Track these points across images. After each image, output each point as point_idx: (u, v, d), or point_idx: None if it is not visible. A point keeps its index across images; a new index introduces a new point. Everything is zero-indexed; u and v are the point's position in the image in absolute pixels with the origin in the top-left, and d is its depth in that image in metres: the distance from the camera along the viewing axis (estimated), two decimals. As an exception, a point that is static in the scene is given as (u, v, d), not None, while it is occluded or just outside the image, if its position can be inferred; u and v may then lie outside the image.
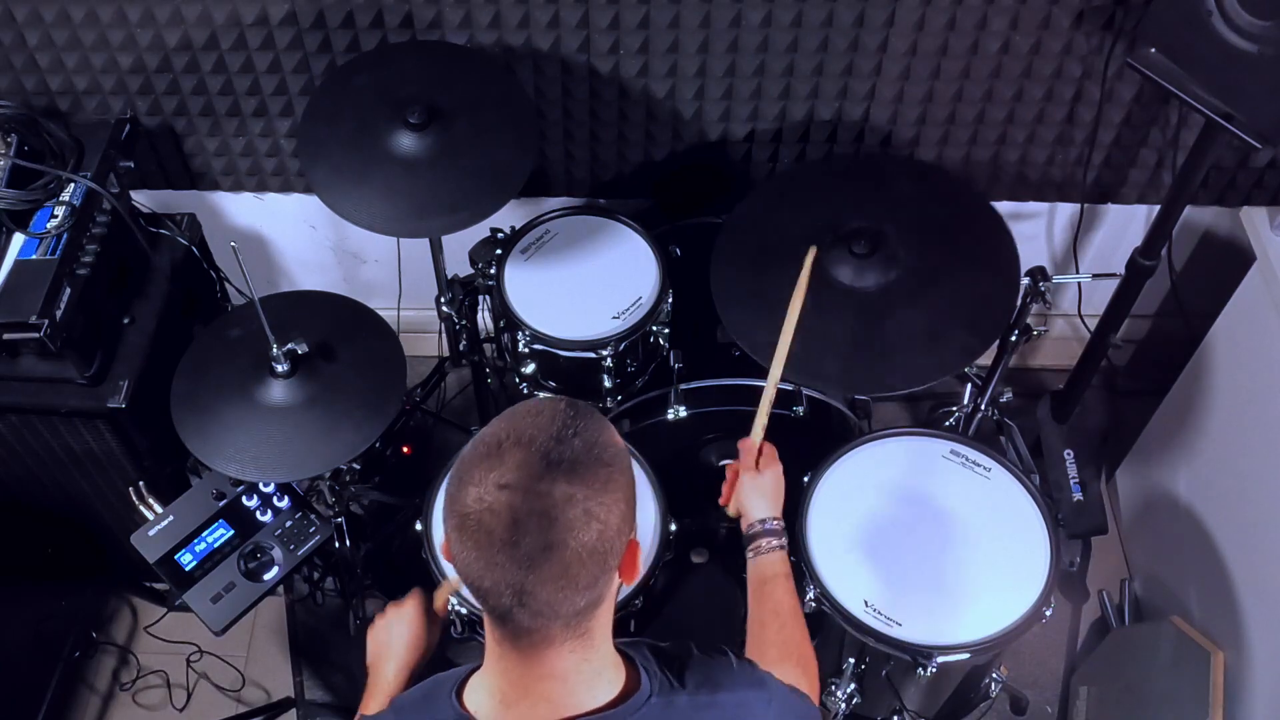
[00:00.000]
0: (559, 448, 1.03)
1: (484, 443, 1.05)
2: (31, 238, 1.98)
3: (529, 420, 1.06)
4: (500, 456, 1.03)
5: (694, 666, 1.22)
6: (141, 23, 2.11)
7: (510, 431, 1.05)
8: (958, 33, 2.09)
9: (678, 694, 1.18)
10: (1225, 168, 2.32)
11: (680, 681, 1.19)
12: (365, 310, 2.06)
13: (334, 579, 2.48)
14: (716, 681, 1.22)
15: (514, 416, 1.07)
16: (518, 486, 1.02)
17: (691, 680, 1.20)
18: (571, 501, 1.02)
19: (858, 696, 2.00)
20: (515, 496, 1.01)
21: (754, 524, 1.60)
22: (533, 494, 1.01)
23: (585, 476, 1.03)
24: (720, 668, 1.25)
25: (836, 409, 2.19)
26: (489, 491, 1.02)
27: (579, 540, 1.02)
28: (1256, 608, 2.07)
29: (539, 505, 1.01)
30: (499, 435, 1.05)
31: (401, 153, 1.92)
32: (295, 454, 1.87)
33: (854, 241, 1.92)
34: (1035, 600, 1.79)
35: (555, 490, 1.02)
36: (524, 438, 1.04)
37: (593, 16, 2.09)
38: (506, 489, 1.02)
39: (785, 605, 1.51)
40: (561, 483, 1.02)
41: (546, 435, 1.04)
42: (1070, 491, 2.52)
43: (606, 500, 1.04)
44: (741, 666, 1.28)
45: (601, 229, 2.22)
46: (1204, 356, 2.30)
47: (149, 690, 2.53)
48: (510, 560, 1.02)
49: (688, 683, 1.19)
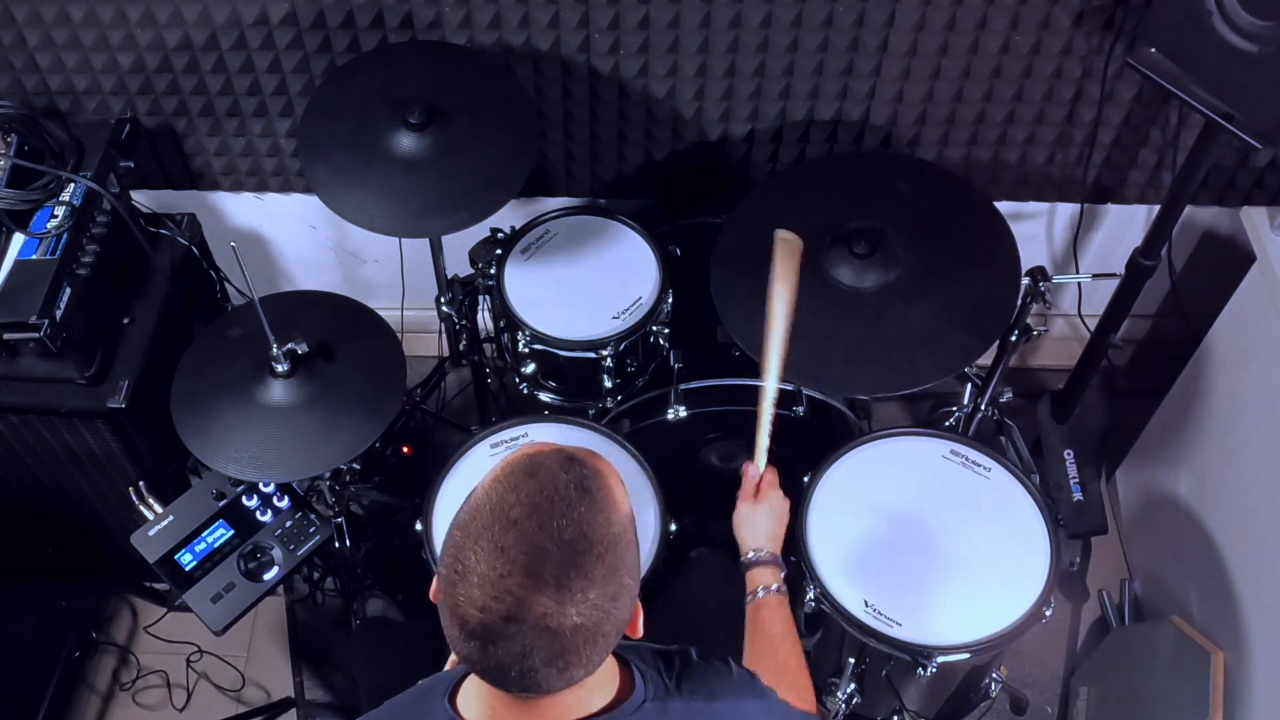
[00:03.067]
0: (568, 567, 0.99)
1: (483, 540, 1.00)
2: (31, 238, 1.98)
3: (533, 518, 1.00)
4: (502, 575, 0.98)
5: (693, 672, 1.22)
6: (141, 23, 2.11)
7: (513, 536, 0.99)
8: (958, 33, 2.09)
9: (672, 699, 1.18)
10: (1225, 168, 2.32)
11: (677, 686, 1.19)
12: (365, 310, 2.06)
13: (334, 579, 2.48)
14: (713, 688, 1.22)
15: (515, 502, 1.01)
16: (525, 619, 0.98)
17: (688, 686, 1.19)
18: (580, 630, 0.99)
19: (858, 696, 2.00)
20: (524, 629, 0.98)
21: (747, 554, 1.57)
22: (542, 629, 0.98)
23: (594, 596, 1.00)
24: (718, 674, 1.24)
25: (836, 409, 2.19)
26: (493, 619, 0.98)
27: (586, 655, 1.02)
28: (1256, 608, 2.06)
29: (547, 639, 0.99)
30: (499, 539, 0.99)
31: (401, 153, 1.92)
32: (295, 454, 1.87)
33: (854, 241, 1.92)
34: (1035, 600, 1.79)
35: (566, 624, 0.98)
36: (529, 550, 0.99)
37: (593, 16, 2.09)
38: (513, 621, 0.98)
39: (778, 632, 1.48)
40: (571, 614, 0.98)
41: (554, 546, 0.99)
42: (1070, 491, 2.52)
43: (614, 611, 1.02)
44: (741, 676, 1.27)
45: (601, 229, 2.22)
46: (1204, 356, 2.30)
47: (149, 690, 2.53)
48: (519, 668, 1.00)
49: (684, 688, 1.19)
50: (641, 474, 1.96)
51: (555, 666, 1.01)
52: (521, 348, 2.13)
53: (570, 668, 1.02)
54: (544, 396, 2.22)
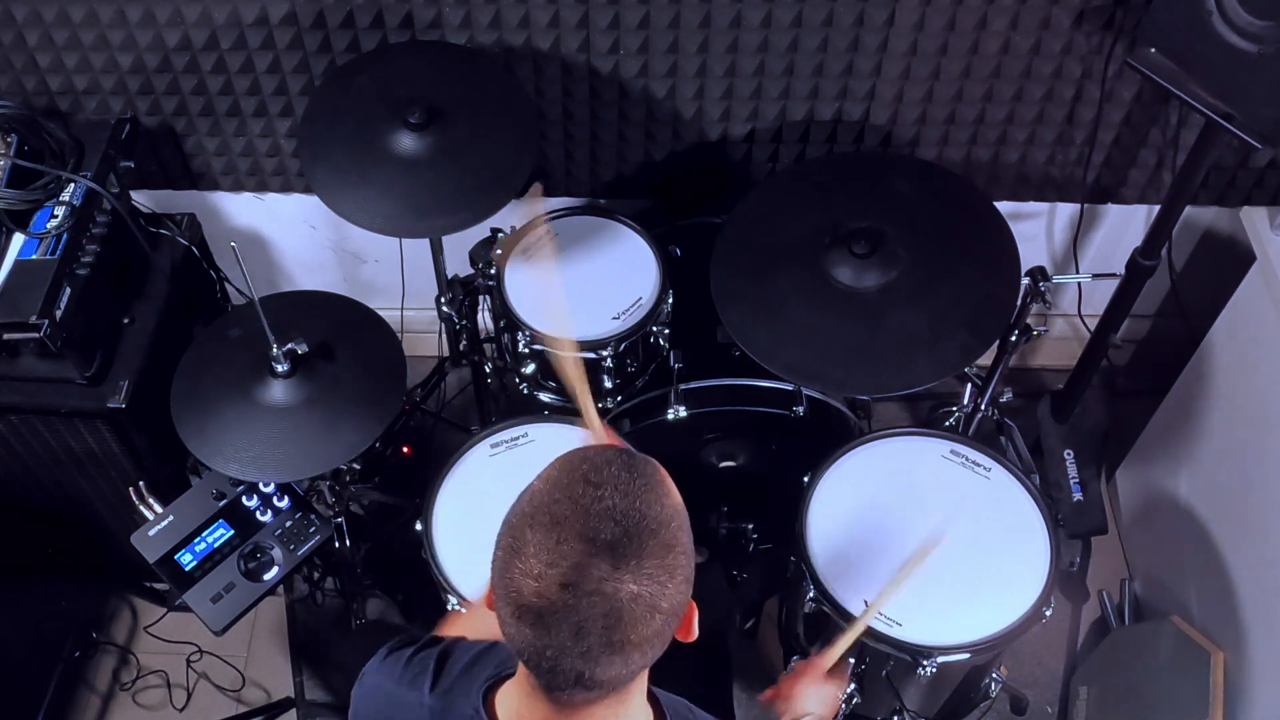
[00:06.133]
0: (622, 536, 0.98)
1: (540, 516, 1.00)
2: (31, 238, 1.98)
3: (588, 493, 1.00)
4: (559, 541, 0.98)
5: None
6: (141, 23, 2.11)
7: (569, 508, 1.00)
8: (958, 33, 2.09)
9: None
10: (1225, 168, 2.32)
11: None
12: (365, 310, 2.06)
13: (334, 579, 2.48)
14: None
15: (570, 483, 1.01)
16: (581, 585, 0.97)
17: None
18: (637, 600, 0.98)
19: (858, 696, 2.00)
20: (579, 596, 0.97)
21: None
22: (598, 595, 0.97)
23: (649, 567, 0.99)
24: None
25: (836, 409, 2.19)
26: (549, 587, 0.98)
27: (642, 634, 1.00)
28: (1256, 608, 2.06)
29: (603, 606, 0.98)
30: (556, 512, 1.00)
31: (401, 153, 1.92)
32: (295, 454, 1.87)
33: (854, 241, 1.92)
34: (1035, 600, 1.79)
35: (622, 590, 0.98)
36: (584, 520, 0.99)
37: (593, 16, 2.09)
38: (569, 588, 0.97)
39: None
40: (628, 581, 0.98)
41: (609, 519, 0.99)
42: (1070, 491, 2.52)
43: (670, 587, 1.01)
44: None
45: (601, 229, 2.22)
46: (1204, 356, 2.30)
47: (149, 690, 2.53)
48: (573, 652, 0.99)
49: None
50: (641, 474, 1.95)
51: (612, 645, 0.99)
52: (521, 348, 2.13)
53: (627, 648, 1.00)
54: (544, 396, 2.22)
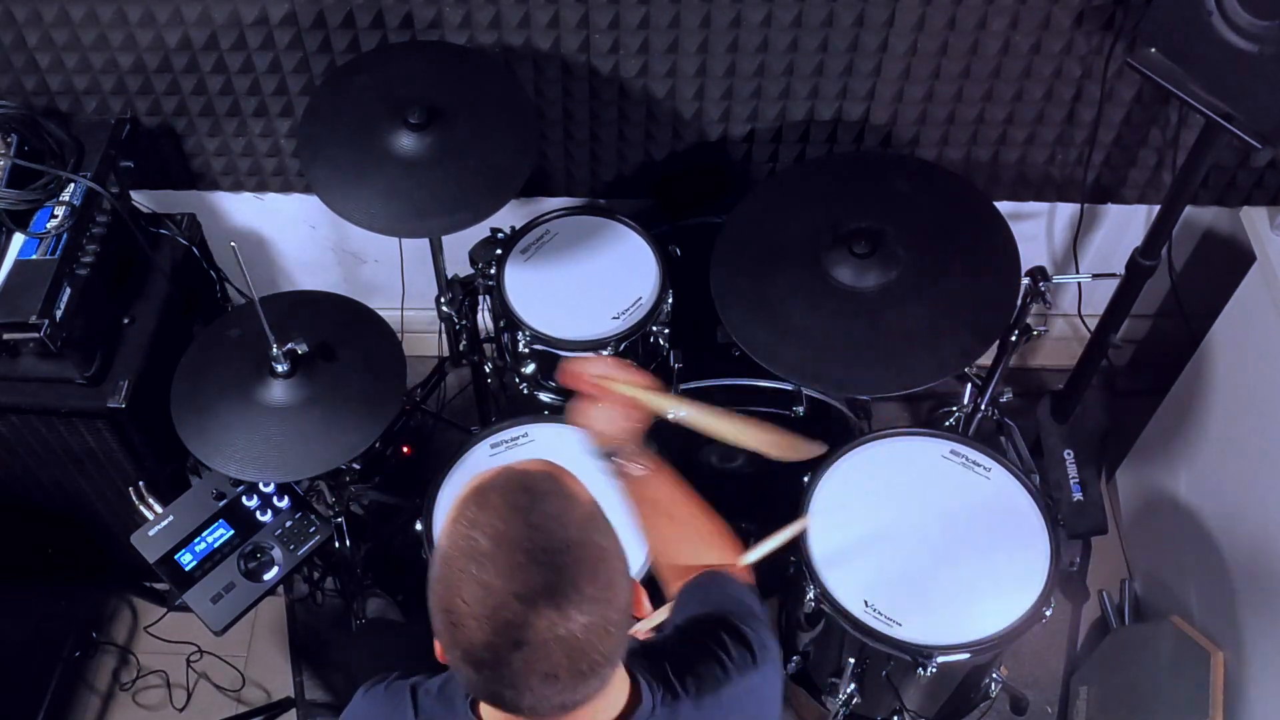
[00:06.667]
0: (553, 577, 0.97)
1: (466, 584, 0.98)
2: (31, 238, 1.98)
3: (501, 547, 0.99)
4: (497, 608, 0.97)
5: (693, 666, 1.21)
6: (141, 23, 2.11)
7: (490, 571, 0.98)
8: (958, 33, 2.09)
9: (681, 701, 1.17)
10: (1225, 168, 2.32)
11: (683, 687, 1.18)
12: (365, 310, 2.06)
13: (334, 579, 2.48)
14: (716, 678, 1.22)
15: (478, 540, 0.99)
16: (534, 638, 0.97)
17: (693, 683, 1.19)
18: (590, 628, 0.98)
19: (858, 696, 2.00)
20: (535, 648, 0.97)
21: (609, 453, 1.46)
22: (553, 640, 0.97)
23: (589, 590, 0.99)
24: (717, 661, 1.24)
25: (836, 409, 2.19)
26: (504, 649, 0.97)
27: (606, 648, 1.01)
28: (1256, 608, 2.06)
29: (562, 647, 0.98)
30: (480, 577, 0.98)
31: (401, 153, 1.92)
32: (295, 454, 1.87)
33: (854, 241, 1.92)
34: (1035, 600, 1.80)
35: (574, 625, 0.97)
36: (511, 576, 0.97)
37: (593, 16, 2.09)
38: (523, 646, 0.97)
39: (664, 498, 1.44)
40: (574, 615, 0.97)
41: (533, 565, 0.98)
42: (1070, 491, 2.52)
43: (613, 594, 1.01)
44: (738, 654, 1.25)
45: (601, 229, 2.22)
46: (1204, 356, 2.30)
47: (149, 690, 2.53)
48: (549, 691, 0.99)
49: (689, 687, 1.19)
50: (641, 474, 1.96)
51: (582, 672, 1.00)
52: (521, 348, 2.13)
53: (597, 668, 1.01)
54: (544, 396, 2.21)
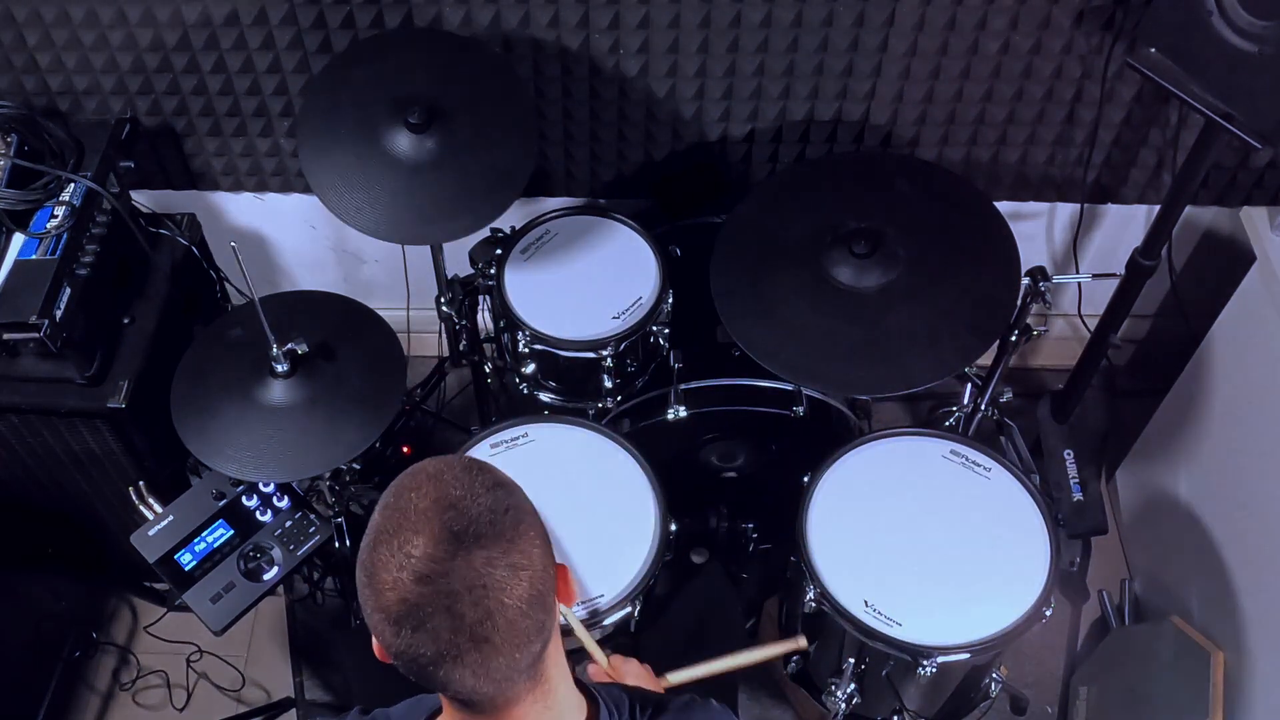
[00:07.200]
0: (456, 518, 1.01)
1: (382, 536, 1.02)
2: (31, 238, 1.98)
3: (410, 501, 1.03)
4: (401, 546, 1.01)
5: (666, 708, 1.22)
6: (141, 23, 2.11)
7: (399, 518, 1.02)
8: (958, 33, 2.09)
9: None
10: (1225, 168, 2.32)
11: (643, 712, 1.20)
12: (365, 310, 2.05)
13: (334, 579, 2.48)
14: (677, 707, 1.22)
15: (395, 501, 1.04)
16: (435, 573, 0.99)
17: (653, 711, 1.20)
18: (492, 563, 1.00)
19: (858, 696, 2.00)
20: (437, 582, 0.99)
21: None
22: (454, 574, 0.99)
23: (491, 533, 1.01)
24: (697, 710, 1.24)
25: (836, 409, 2.19)
26: (408, 588, 1.00)
27: (516, 598, 1.01)
28: (1256, 608, 2.06)
29: (464, 582, 0.99)
30: (390, 526, 1.02)
31: (401, 155, 1.91)
32: (295, 454, 1.87)
33: (854, 241, 1.91)
34: (1035, 600, 1.79)
35: (475, 560, 1.00)
36: (418, 521, 1.01)
37: (593, 16, 2.09)
38: (427, 579, 0.99)
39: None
40: (476, 551, 1.00)
41: (437, 511, 1.01)
42: (1070, 491, 2.52)
43: (521, 544, 1.03)
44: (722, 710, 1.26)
45: (601, 229, 2.22)
46: (1204, 356, 2.30)
47: (149, 690, 2.53)
48: (464, 644, 1.00)
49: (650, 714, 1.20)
50: (641, 474, 1.96)
51: (493, 618, 1.00)
52: (521, 348, 2.13)
53: (510, 616, 1.01)
54: (544, 396, 2.22)
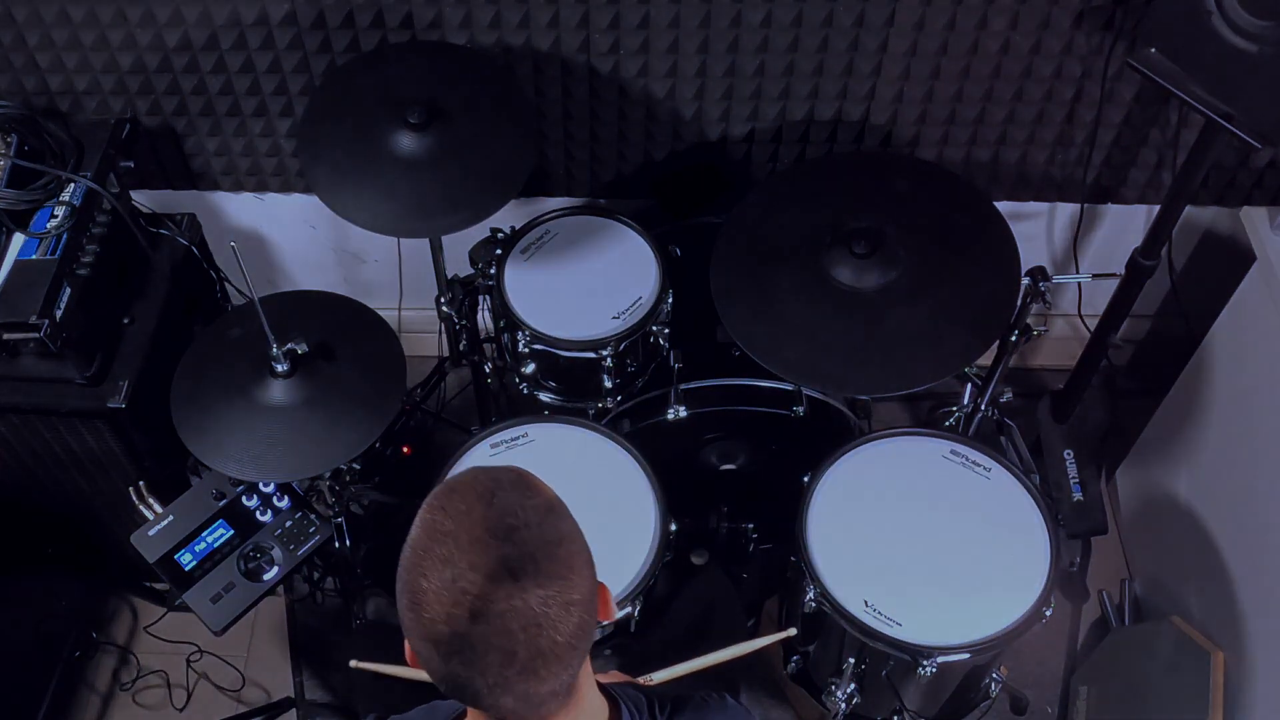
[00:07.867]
0: (511, 550, 0.99)
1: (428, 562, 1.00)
2: (31, 238, 1.98)
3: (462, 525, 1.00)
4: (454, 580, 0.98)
5: (684, 707, 1.22)
6: (141, 23, 2.11)
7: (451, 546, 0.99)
8: (958, 33, 2.09)
9: None
10: (1225, 168, 2.32)
11: (663, 712, 1.19)
12: (365, 310, 2.06)
13: (334, 579, 2.48)
14: (696, 705, 1.22)
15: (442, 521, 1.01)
16: (490, 610, 0.97)
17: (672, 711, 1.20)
18: (549, 602, 0.99)
19: (858, 696, 2.00)
20: (492, 620, 0.97)
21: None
22: (510, 613, 0.98)
23: (547, 568, 0.99)
24: (713, 708, 1.24)
25: (836, 409, 2.19)
26: (461, 624, 0.98)
27: (567, 631, 1.00)
28: (1256, 608, 2.07)
29: (520, 621, 0.98)
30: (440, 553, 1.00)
31: (402, 153, 1.92)
32: (295, 454, 1.87)
33: (854, 241, 1.91)
34: (1035, 600, 1.80)
35: (531, 599, 0.98)
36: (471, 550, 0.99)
37: (593, 16, 2.09)
38: (481, 617, 0.97)
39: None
40: (532, 588, 0.98)
41: (492, 540, 0.99)
42: (1070, 491, 2.52)
43: (574, 578, 1.01)
44: (736, 708, 1.26)
45: (601, 229, 2.22)
46: (1204, 356, 2.30)
47: (149, 690, 2.53)
48: (511, 675, 1.00)
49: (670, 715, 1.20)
50: (641, 474, 1.96)
51: (544, 653, 1.00)
52: (521, 348, 2.13)
53: (558, 653, 1.00)
54: (544, 396, 2.22)
